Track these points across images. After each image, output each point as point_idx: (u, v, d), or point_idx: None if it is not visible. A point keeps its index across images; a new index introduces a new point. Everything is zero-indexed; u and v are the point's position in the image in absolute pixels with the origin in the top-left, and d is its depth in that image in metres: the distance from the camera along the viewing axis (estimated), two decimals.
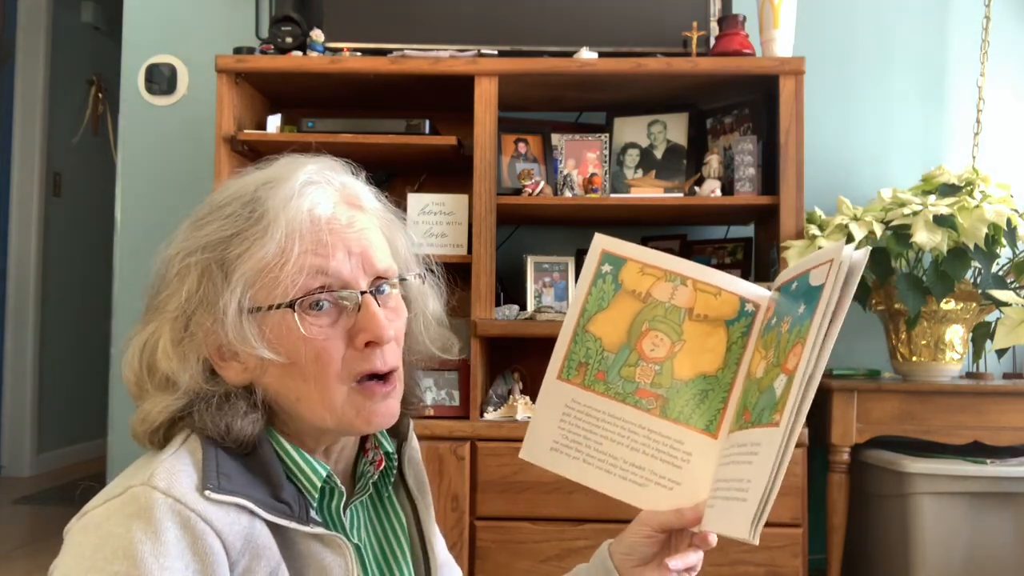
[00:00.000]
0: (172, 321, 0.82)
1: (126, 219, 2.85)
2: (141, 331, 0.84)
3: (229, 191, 0.86)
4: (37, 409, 4.41)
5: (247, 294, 0.80)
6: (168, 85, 2.84)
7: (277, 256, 0.80)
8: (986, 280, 2.18)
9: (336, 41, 2.42)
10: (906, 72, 2.78)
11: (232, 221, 0.82)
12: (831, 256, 0.79)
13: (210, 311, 0.80)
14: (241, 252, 0.80)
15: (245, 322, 0.79)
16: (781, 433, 0.76)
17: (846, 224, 2.21)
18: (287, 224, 0.80)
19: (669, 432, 0.88)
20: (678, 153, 2.53)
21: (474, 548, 2.20)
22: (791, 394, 0.76)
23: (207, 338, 0.81)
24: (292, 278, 0.80)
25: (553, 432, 0.91)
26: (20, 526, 3.54)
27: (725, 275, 0.91)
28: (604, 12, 2.46)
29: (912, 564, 2.17)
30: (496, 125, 2.32)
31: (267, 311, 0.80)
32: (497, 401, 2.32)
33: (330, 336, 0.81)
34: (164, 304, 0.83)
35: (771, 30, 2.36)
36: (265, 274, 0.80)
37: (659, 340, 0.90)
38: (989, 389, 2.24)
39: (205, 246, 0.82)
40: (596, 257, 0.92)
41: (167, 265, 0.84)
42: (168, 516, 0.73)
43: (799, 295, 0.81)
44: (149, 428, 0.82)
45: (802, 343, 0.77)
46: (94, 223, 4.64)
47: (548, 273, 2.50)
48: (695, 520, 0.85)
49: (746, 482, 0.78)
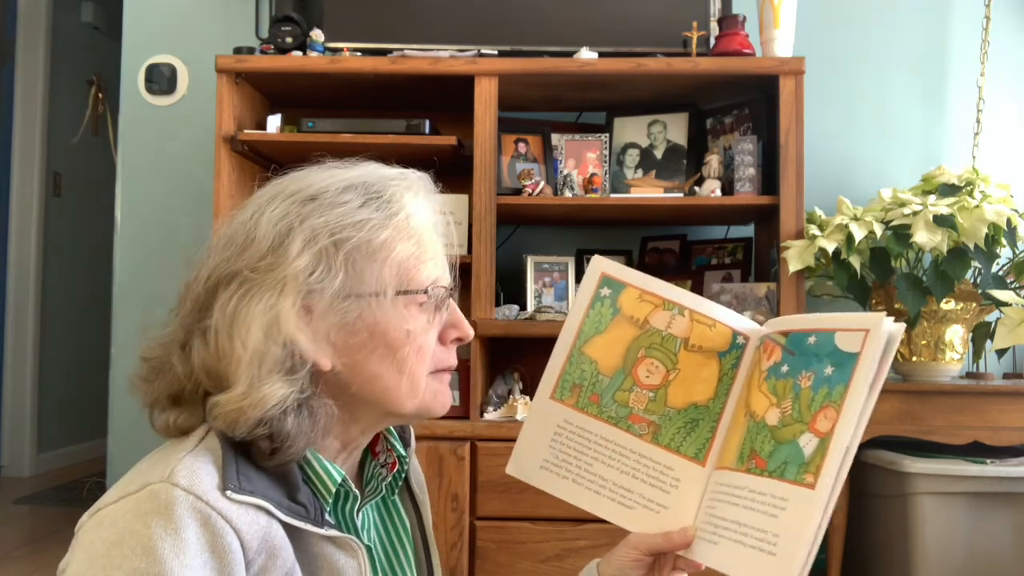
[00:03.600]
0: (295, 296, 0.80)
1: (126, 219, 2.85)
2: (246, 301, 0.80)
3: (336, 178, 0.88)
4: (37, 409, 4.41)
5: (389, 282, 0.84)
6: (168, 85, 2.85)
7: (414, 250, 0.85)
8: (986, 280, 2.18)
9: (336, 41, 2.43)
10: (906, 72, 2.78)
11: (360, 209, 0.84)
12: (866, 326, 0.80)
13: (340, 292, 0.81)
14: (384, 240, 0.84)
15: (393, 303, 0.83)
16: (822, 497, 0.78)
17: (846, 224, 2.21)
18: (420, 223, 0.87)
19: (659, 458, 0.90)
20: (678, 153, 2.53)
21: (474, 548, 2.20)
22: (829, 461, 0.78)
23: (326, 318, 0.82)
24: (420, 273, 0.85)
25: (543, 451, 0.93)
26: (20, 526, 3.54)
27: (720, 307, 0.93)
28: (604, 12, 2.46)
29: (912, 564, 2.17)
30: (496, 125, 2.32)
31: (401, 297, 0.84)
32: (497, 401, 2.33)
33: (430, 331, 0.87)
34: (278, 278, 0.80)
35: (771, 30, 2.37)
36: (402, 266, 0.84)
37: (654, 368, 0.91)
38: (989, 389, 2.24)
39: (337, 227, 0.83)
40: (595, 279, 0.94)
41: (278, 237, 0.82)
42: (189, 513, 0.72)
43: (823, 354, 0.82)
44: (260, 412, 0.77)
45: (834, 408, 0.79)
46: (94, 223, 4.64)
47: (548, 273, 2.50)
48: (682, 544, 0.87)
49: (772, 535, 0.79)
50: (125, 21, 2.89)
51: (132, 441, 2.69)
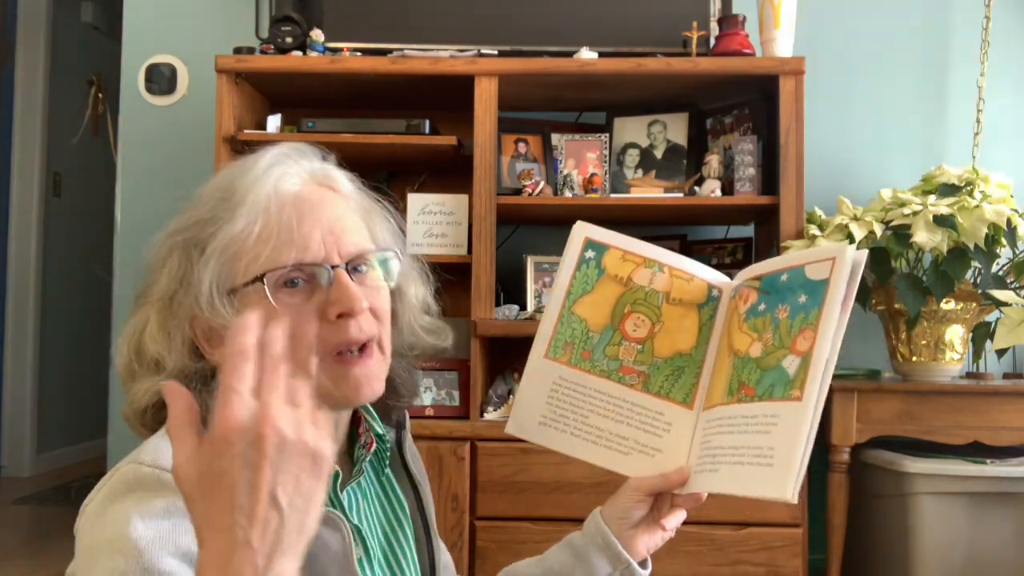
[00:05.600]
0: (157, 304, 0.84)
1: (126, 219, 2.85)
2: (130, 320, 0.87)
3: (210, 183, 0.89)
4: (37, 409, 4.41)
5: (221, 272, 0.81)
6: (168, 85, 2.84)
7: (244, 232, 0.81)
8: (986, 280, 2.18)
9: (336, 41, 2.42)
10: (906, 72, 2.78)
11: (207, 206, 0.85)
12: (831, 255, 0.86)
13: (189, 291, 0.82)
14: (214, 231, 0.82)
15: (220, 300, 0.80)
16: (808, 406, 0.83)
17: (846, 224, 2.21)
18: (253, 202, 0.81)
19: (651, 405, 0.95)
20: (678, 153, 2.53)
21: (474, 548, 2.20)
22: (812, 373, 0.83)
23: (192, 320, 0.83)
24: (261, 254, 0.80)
25: (542, 408, 0.97)
26: (20, 526, 3.54)
27: (694, 262, 0.99)
28: (604, 12, 2.46)
29: (912, 564, 2.17)
30: (496, 125, 2.32)
31: (242, 289, 0.81)
32: (497, 401, 2.32)
33: (302, 312, 0.80)
34: (150, 291, 0.86)
35: (771, 30, 2.37)
36: (233, 251, 0.81)
37: (640, 321, 0.97)
38: (989, 389, 2.24)
39: (182, 228, 0.85)
40: (580, 243, 1.01)
41: (152, 254, 0.87)
42: (154, 484, 0.74)
43: (795, 286, 0.88)
44: (137, 409, 0.85)
45: (811, 329, 0.85)
46: (94, 223, 4.64)
47: (548, 273, 2.50)
48: (679, 482, 0.93)
49: (768, 448, 0.83)
50: (125, 21, 2.88)
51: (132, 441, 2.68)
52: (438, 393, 2.30)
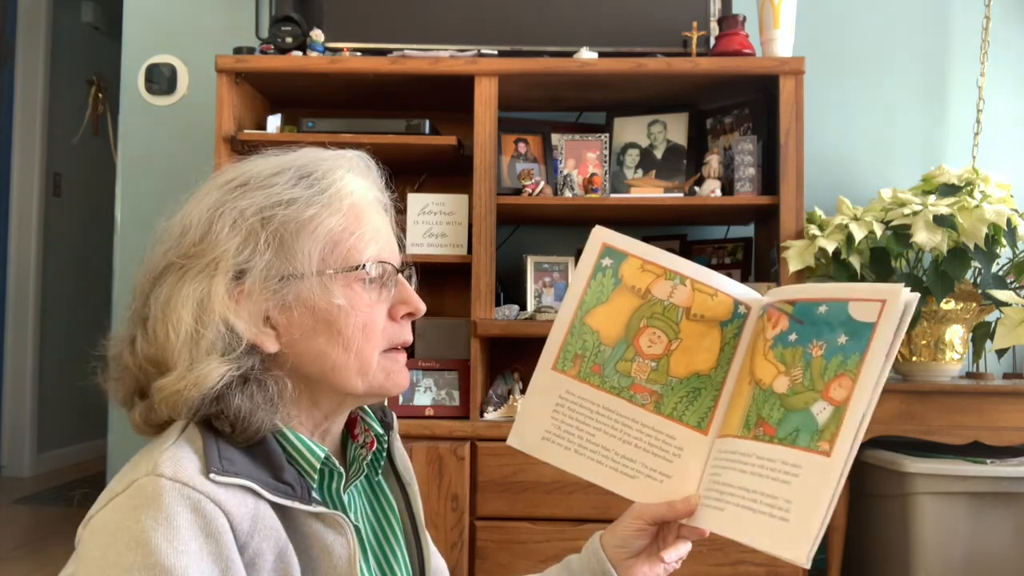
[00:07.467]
0: (224, 276, 0.82)
1: (126, 219, 2.85)
2: (178, 287, 0.82)
3: (269, 163, 0.88)
4: (37, 409, 4.41)
5: (322, 253, 0.84)
6: (168, 85, 2.85)
7: (343, 225, 0.85)
8: (986, 280, 2.18)
9: (336, 41, 2.43)
10: (906, 72, 2.78)
11: (290, 188, 0.85)
12: (883, 296, 0.79)
13: (271, 270, 0.82)
14: (312, 216, 0.84)
15: (328, 280, 0.83)
16: (837, 465, 0.78)
17: (846, 224, 2.21)
18: (350, 197, 0.86)
19: (662, 427, 0.90)
20: (678, 153, 2.53)
21: (474, 548, 2.20)
22: (845, 429, 0.78)
23: (261, 298, 0.82)
24: (355, 249, 0.85)
25: (545, 422, 0.92)
26: (20, 526, 3.54)
27: (721, 276, 0.92)
28: (604, 12, 2.46)
29: (912, 564, 2.17)
30: (496, 125, 2.32)
31: (336, 273, 0.84)
32: (497, 401, 2.32)
33: (376, 308, 0.86)
34: (208, 261, 0.82)
35: (771, 30, 2.36)
36: (333, 241, 0.84)
37: (656, 337, 0.91)
38: (989, 389, 2.24)
39: (265, 207, 0.84)
40: (597, 250, 0.93)
41: (207, 222, 0.84)
42: (177, 500, 0.73)
43: (835, 323, 0.81)
44: (200, 393, 0.79)
45: (850, 377, 0.79)
46: (94, 223, 4.64)
47: (548, 273, 2.50)
48: (686, 512, 0.87)
49: (784, 501, 0.78)
50: (125, 21, 2.88)
51: (132, 441, 2.68)
52: (438, 393, 2.30)
